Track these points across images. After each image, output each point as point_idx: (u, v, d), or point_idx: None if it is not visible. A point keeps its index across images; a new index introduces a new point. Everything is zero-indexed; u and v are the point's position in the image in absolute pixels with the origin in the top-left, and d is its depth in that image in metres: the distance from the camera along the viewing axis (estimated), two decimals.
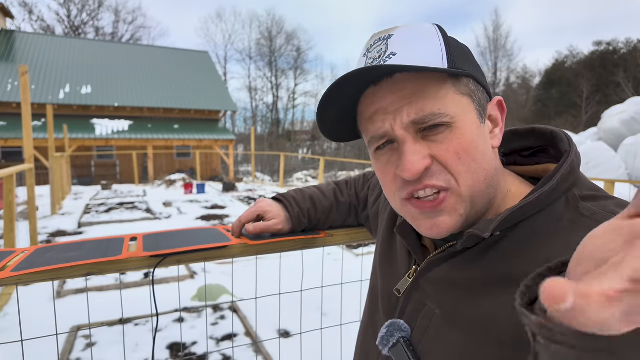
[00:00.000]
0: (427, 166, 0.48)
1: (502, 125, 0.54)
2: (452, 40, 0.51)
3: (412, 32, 0.50)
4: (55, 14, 37.39)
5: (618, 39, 36.55)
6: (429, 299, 0.53)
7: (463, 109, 0.49)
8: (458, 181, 0.48)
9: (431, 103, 0.47)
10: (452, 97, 0.48)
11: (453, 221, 0.49)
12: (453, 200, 0.49)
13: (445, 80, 0.48)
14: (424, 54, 0.48)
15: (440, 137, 0.48)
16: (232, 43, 49.50)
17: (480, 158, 0.49)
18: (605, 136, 9.50)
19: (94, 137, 16.42)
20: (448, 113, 0.47)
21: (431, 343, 0.51)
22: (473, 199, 0.49)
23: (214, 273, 4.01)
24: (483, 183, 0.49)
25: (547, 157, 0.57)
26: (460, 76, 0.49)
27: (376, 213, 0.82)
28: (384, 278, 0.65)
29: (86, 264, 0.71)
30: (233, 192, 11.81)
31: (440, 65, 0.47)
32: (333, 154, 37.17)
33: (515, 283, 0.44)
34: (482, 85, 0.52)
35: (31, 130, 4.82)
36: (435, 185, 0.48)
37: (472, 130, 0.49)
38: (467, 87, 0.50)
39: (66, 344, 2.60)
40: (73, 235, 5.93)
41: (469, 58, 0.52)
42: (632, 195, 4.30)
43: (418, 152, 0.48)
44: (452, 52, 0.49)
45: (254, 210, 0.88)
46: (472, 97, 0.50)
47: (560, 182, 0.47)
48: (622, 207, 0.44)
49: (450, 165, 0.48)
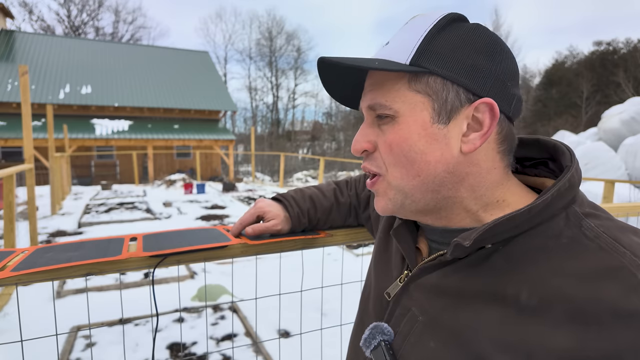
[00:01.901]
0: (366, 148, 0.54)
1: (486, 131, 0.49)
2: (450, 33, 0.49)
3: (416, 21, 0.51)
4: (55, 14, 37.44)
5: (618, 39, 36.55)
6: (415, 305, 0.53)
7: (412, 106, 0.49)
8: (387, 170, 0.53)
9: (382, 94, 0.51)
10: (403, 93, 0.50)
11: (384, 203, 0.55)
12: (384, 185, 0.54)
13: (402, 77, 0.50)
14: (398, 47, 0.50)
15: (385, 127, 0.52)
16: (232, 43, 49.55)
17: (414, 156, 0.50)
18: (605, 136, 9.50)
19: (94, 137, 16.42)
20: (392, 107, 0.50)
21: (410, 349, 0.51)
22: (405, 190, 0.52)
23: (214, 273, 4.01)
24: (416, 180, 0.51)
25: (547, 170, 0.55)
26: (420, 73, 0.49)
27: (377, 215, 0.82)
28: (376, 279, 0.65)
29: (86, 264, 0.71)
30: (233, 192, 11.81)
31: (404, 60, 0.49)
32: (333, 154, 37.18)
33: (501, 301, 0.43)
34: (463, 86, 0.48)
35: (31, 130, 4.82)
36: (369, 170, 0.55)
37: (413, 129, 0.49)
38: (427, 85, 0.48)
39: (66, 344, 2.60)
40: (73, 235, 5.93)
41: (460, 54, 0.48)
42: (632, 195, 4.29)
43: (365, 134, 0.54)
44: (427, 47, 0.48)
45: (253, 212, 0.88)
46: (432, 96, 0.48)
47: (556, 198, 0.45)
48: (624, 232, 0.43)
49: (383, 155, 0.53)
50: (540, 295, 0.41)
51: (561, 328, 0.39)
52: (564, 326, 0.38)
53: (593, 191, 6.04)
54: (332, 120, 43.31)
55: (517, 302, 0.42)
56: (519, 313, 0.42)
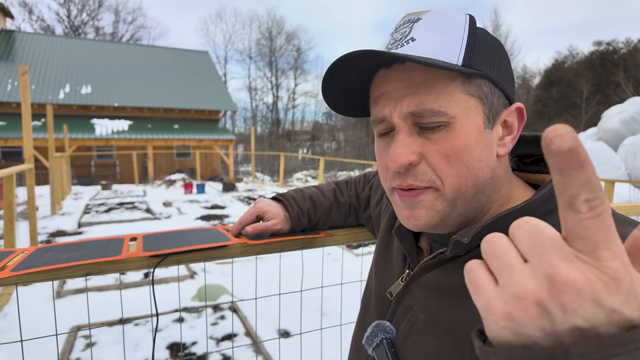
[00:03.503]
0: (412, 162, 0.47)
1: (516, 134, 0.50)
2: (481, 35, 0.48)
3: (439, 19, 0.48)
4: (55, 14, 37.40)
5: (618, 39, 36.61)
6: (416, 304, 0.53)
7: (467, 110, 0.46)
8: (444, 182, 0.47)
9: (433, 99, 0.45)
10: (457, 97, 0.46)
11: (429, 216, 0.49)
12: (432, 197, 0.48)
13: (455, 78, 0.46)
14: (441, 45, 0.46)
15: (435, 135, 0.47)
16: (232, 43, 49.55)
17: (474, 164, 0.47)
18: (605, 136, 9.51)
19: (94, 137, 16.42)
20: (448, 112, 0.45)
21: (411, 347, 0.51)
22: (456, 201, 0.48)
23: (214, 273, 4.01)
24: (471, 188, 0.48)
25: (546, 166, 0.55)
26: (473, 76, 0.46)
27: (378, 215, 0.82)
28: (378, 278, 0.65)
29: (86, 264, 0.71)
30: (233, 192, 11.81)
31: (454, 60, 0.45)
32: (333, 154, 37.19)
33: None
34: (500, 89, 0.49)
35: (31, 130, 4.82)
36: (418, 187, 0.48)
37: (471, 134, 0.46)
38: (479, 88, 0.47)
39: (66, 344, 2.60)
40: (73, 235, 5.93)
41: (494, 57, 0.49)
42: (632, 195, 4.30)
43: (407, 145, 0.47)
44: (473, 48, 0.46)
45: (252, 212, 0.88)
46: (483, 100, 0.47)
47: (554, 193, 0.45)
48: (623, 225, 0.42)
49: (438, 167, 0.47)
50: None
51: None
52: None
53: None
54: (332, 120, 43.31)
55: None
56: None
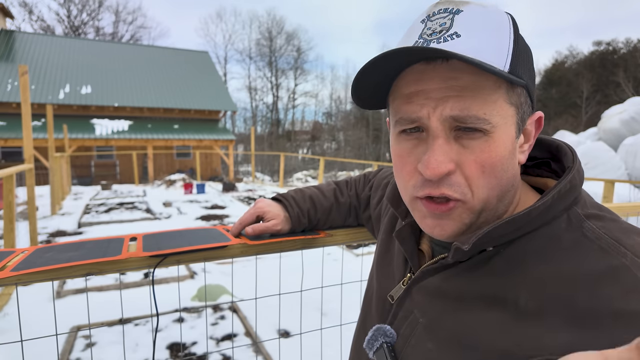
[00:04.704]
0: (450, 171, 0.44)
1: (532, 142, 0.50)
2: (521, 40, 0.46)
3: (484, 16, 0.44)
4: (55, 14, 37.42)
5: (618, 39, 36.63)
6: (417, 308, 0.53)
7: (506, 120, 0.44)
8: (474, 194, 0.45)
9: (479, 105, 0.42)
10: (500, 105, 0.43)
11: (456, 227, 0.47)
12: (461, 210, 0.46)
13: (500, 85, 0.43)
14: (490, 47, 0.42)
15: (473, 143, 0.44)
16: (232, 43, 49.62)
17: (502, 175, 0.45)
18: (605, 136, 9.51)
19: (94, 137, 16.42)
20: (491, 121, 0.43)
21: (411, 351, 0.51)
22: (482, 212, 0.47)
23: (214, 273, 4.01)
24: (495, 198, 0.47)
25: (549, 170, 0.55)
26: (516, 84, 0.44)
27: (378, 216, 0.82)
28: (379, 281, 0.65)
29: (86, 264, 0.71)
30: (233, 192, 11.81)
31: (501, 66, 0.42)
32: (333, 154, 37.19)
33: (501, 304, 0.43)
34: (530, 98, 0.47)
35: (31, 130, 4.82)
36: (451, 196, 0.45)
37: (507, 145, 0.45)
38: (518, 97, 0.45)
39: (66, 344, 2.60)
40: (73, 235, 5.93)
41: (531, 64, 0.47)
42: (632, 195, 4.25)
43: (446, 152, 0.44)
44: (518, 54, 0.44)
45: (252, 212, 0.87)
46: (518, 109, 0.46)
47: (557, 200, 0.44)
48: (627, 233, 0.42)
49: (472, 178, 0.45)
50: (539, 298, 0.41)
51: (560, 331, 0.38)
52: (563, 329, 0.38)
53: (593, 191, 6.04)
54: (332, 120, 43.36)
55: (517, 306, 0.42)
56: (518, 316, 0.41)
